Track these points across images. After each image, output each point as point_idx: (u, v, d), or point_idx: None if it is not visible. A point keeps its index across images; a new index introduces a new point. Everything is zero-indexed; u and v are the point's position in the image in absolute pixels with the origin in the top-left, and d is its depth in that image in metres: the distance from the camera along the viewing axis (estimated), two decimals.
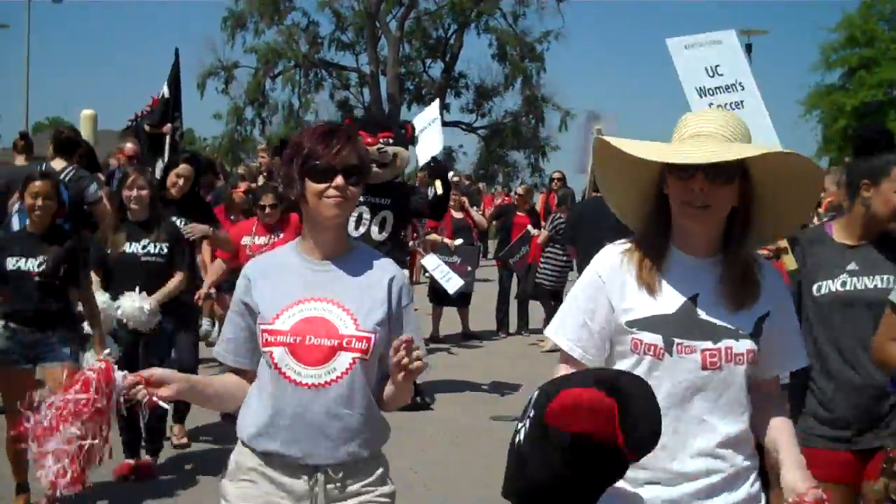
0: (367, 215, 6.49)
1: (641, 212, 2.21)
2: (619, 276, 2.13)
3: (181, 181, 6.15)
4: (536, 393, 1.91)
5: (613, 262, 2.16)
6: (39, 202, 4.68)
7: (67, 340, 4.73)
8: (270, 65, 33.55)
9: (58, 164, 6.75)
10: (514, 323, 11.22)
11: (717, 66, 4.25)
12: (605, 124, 12.31)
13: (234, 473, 2.35)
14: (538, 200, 14.25)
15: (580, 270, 7.68)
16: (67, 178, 6.61)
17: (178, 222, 5.87)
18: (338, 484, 2.28)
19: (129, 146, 8.83)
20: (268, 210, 6.45)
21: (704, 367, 2.06)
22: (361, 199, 6.49)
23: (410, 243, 9.76)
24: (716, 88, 4.24)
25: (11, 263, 4.67)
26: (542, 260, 10.32)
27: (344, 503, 2.29)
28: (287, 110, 34.73)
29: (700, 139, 2.06)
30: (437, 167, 7.63)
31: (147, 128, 9.75)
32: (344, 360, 2.26)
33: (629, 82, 70.07)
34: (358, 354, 2.26)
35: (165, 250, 5.30)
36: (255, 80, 33.59)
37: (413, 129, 7.40)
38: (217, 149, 32.41)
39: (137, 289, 5.13)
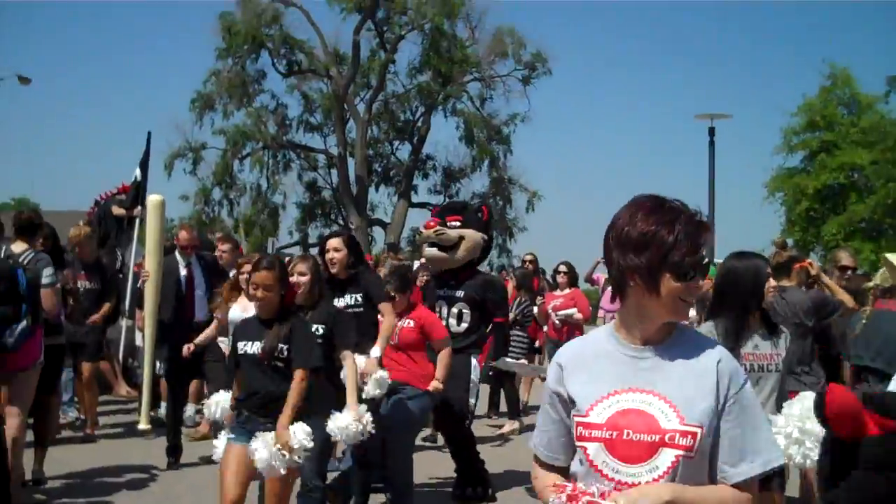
0: (444, 309, 6.30)
1: None
2: None
3: (337, 255, 5.80)
4: None
5: None
6: (259, 293, 4.65)
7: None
8: (238, 146, 33.54)
9: (18, 246, 6.55)
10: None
11: None
12: None
13: None
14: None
15: None
16: (26, 262, 6.42)
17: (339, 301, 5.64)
18: None
19: (182, 234, 8.55)
20: (398, 299, 6.07)
21: None
22: (438, 292, 6.40)
23: None
24: None
25: (241, 347, 4.74)
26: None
27: None
28: (255, 191, 34.64)
29: None
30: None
31: (114, 210, 9.56)
32: (666, 458, 2.02)
33: (594, 164, 71.28)
34: (682, 451, 2.02)
35: (321, 331, 5.17)
36: (223, 161, 33.50)
37: (490, 211, 7.25)
38: None
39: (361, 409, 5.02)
